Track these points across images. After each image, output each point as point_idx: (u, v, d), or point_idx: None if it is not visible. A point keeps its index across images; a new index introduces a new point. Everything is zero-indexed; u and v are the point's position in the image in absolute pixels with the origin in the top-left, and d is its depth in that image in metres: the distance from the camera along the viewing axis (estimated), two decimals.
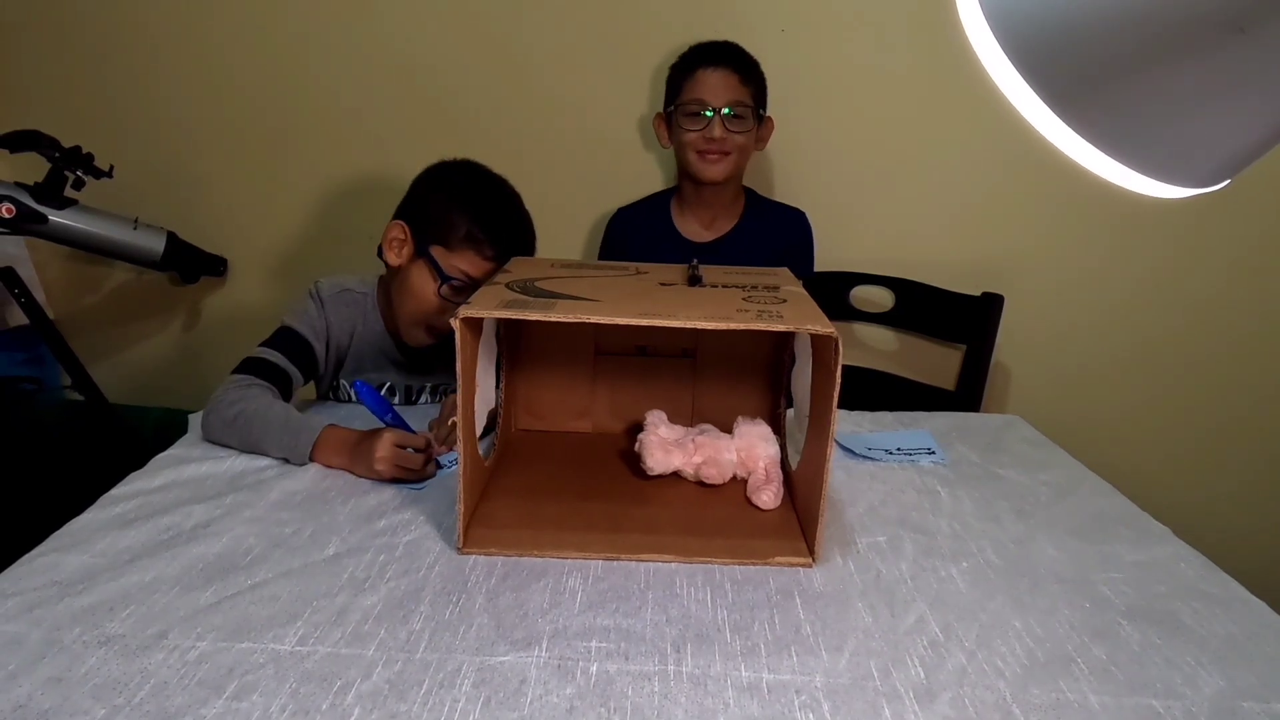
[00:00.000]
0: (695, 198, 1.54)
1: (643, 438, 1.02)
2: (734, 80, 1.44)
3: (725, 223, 1.55)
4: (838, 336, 0.80)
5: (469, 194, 1.19)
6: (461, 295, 1.16)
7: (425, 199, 1.21)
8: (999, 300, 1.53)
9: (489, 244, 1.16)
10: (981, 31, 0.43)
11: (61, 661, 0.68)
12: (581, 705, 0.65)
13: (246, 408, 1.06)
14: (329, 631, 0.73)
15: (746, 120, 1.45)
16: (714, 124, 1.43)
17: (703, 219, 1.55)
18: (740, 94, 1.44)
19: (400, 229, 1.20)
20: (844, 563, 0.87)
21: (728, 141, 1.44)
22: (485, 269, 1.17)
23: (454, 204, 1.17)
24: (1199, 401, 1.72)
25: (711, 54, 1.46)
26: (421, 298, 1.18)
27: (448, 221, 1.16)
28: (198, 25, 1.64)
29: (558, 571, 0.84)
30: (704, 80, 1.44)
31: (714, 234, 1.55)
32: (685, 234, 1.55)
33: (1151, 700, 0.68)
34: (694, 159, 1.46)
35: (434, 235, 1.17)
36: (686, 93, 1.45)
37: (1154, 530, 0.97)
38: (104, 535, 0.87)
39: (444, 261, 1.16)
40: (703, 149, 1.45)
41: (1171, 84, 0.38)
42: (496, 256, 1.17)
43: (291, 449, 1.04)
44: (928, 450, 1.15)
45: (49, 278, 1.81)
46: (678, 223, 1.57)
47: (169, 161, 1.73)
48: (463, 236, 1.16)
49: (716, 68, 1.44)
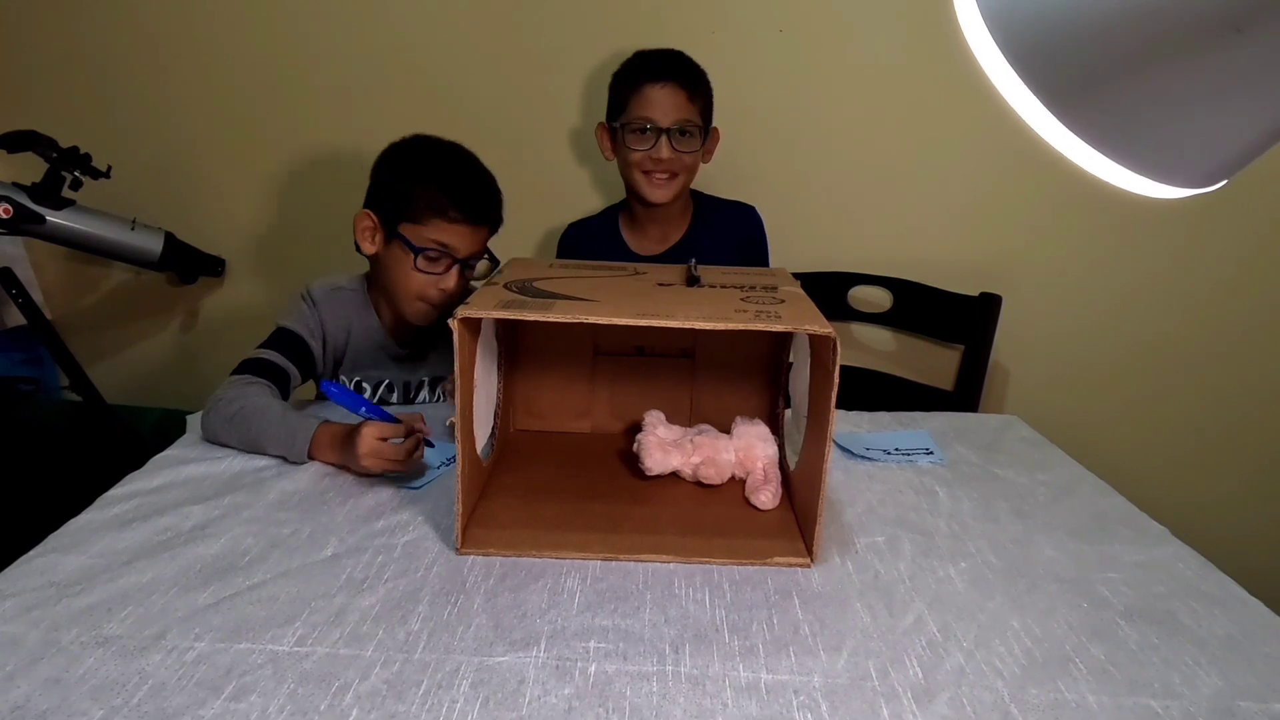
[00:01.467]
0: (644, 215, 1.50)
1: (641, 438, 1.02)
2: (682, 98, 1.38)
3: (675, 233, 1.52)
4: (835, 337, 0.80)
5: (423, 165, 1.21)
6: (439, 265, 1.18)
7: (384, 182, 1.22)
8: (997, 300, 1.54)
9: (452, 207, 1.17)
10: (979, 32, 0.43)
11: (59, 662, 0.68)
12: (580, 705, 0.65)
13: (245, 405, 1.07)
14: (327, 632, 0.73)
15: (694, 138, 1.40)
16: (661, 144, 1.37)
17: (652, 235, 1.52)
18: (688, 112, 1.38)
19: (367, 217, 1.21)
20: (842, 563, 0.87)
21: (675, 162, 1.39)
22: (458, 233, 1.18)
23: (411, 178, 1.19)
24: (1197, 401, 1.72)
25: (657, 68, 1.39)
26: (404, 277, 1.20)
27: (409, 196, 1.18)
28: (196, 25, 1.64)
29: (556, 572, 0.84)
30: (650, 97, 1.37)
31: (664, 245, 1.52)
32: (635, 249, 1.52)
33: (1150, 700, 0.68)
34: (640, 179, 1.42)
35: (400, 214, 1.18)
36: (633, 109, 1.39)
37: (1152, 530, 0.97)
38: (102, 536, 0.87)
39: (414, 235, 1.18)
40: (649, 169, 1.40)
41: (1169, 84, 0.38)
42: (465, 218, 1.18)
43: (289, 447, 1.04)
44: (926, 450, 1.15)
45: (47, 278, 1.81)
46: (627, 238, 1.53)
47: (167, 162, 1.73)
48: (426, 206, 1.17)
49: (664, 84, 1.37)
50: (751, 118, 1.58)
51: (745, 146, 1.65)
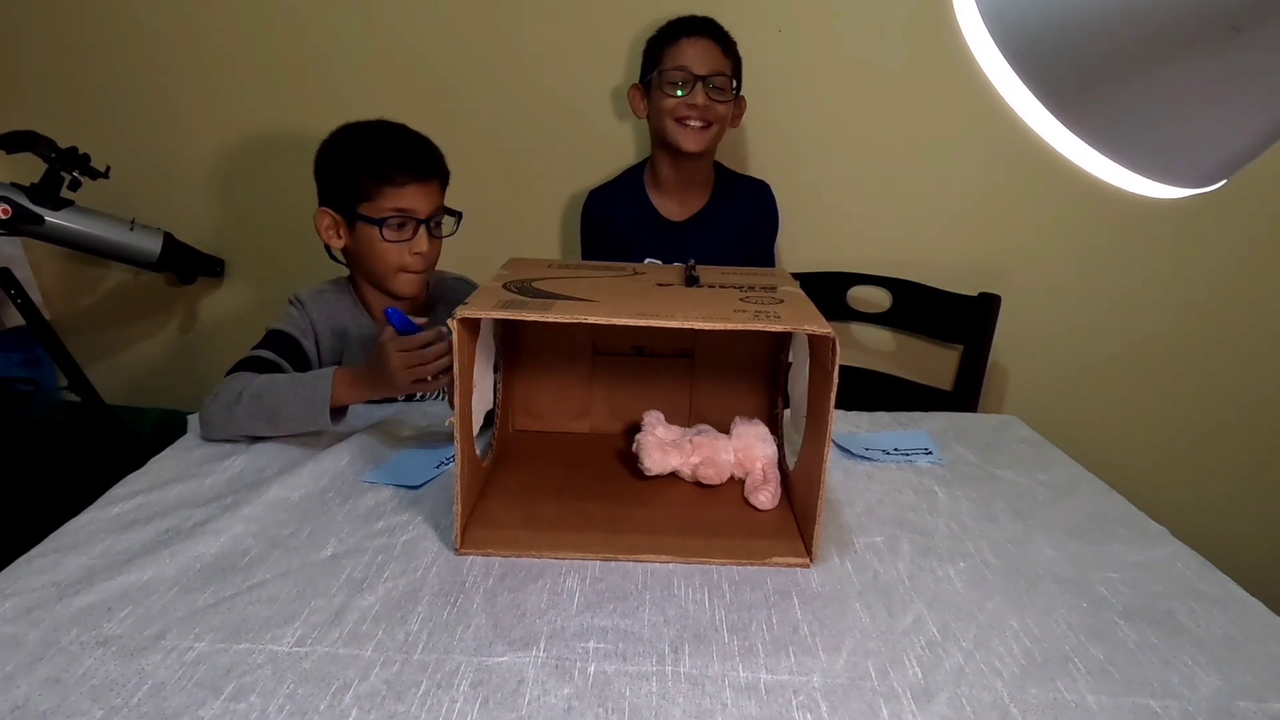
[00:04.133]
0: (671, 171, 1.54)
1: (640, 438, 1.02)
2: (716, 51, 1.46)
3: (698, 200, 1.56)
4: (835, 337, 0.80)
5: (357, 145, 1.23)
6: (406, 231, 1.21)
7: (328, 175, 1.25)
8: (996, 300, 1.54)
9: (396, 171, 1.19)
10: (978, 31, 0.43)
11: (59, 662, 0.68)
12: (579, 705, 0.65)
13: (250, 385, 1.08)
14: (327, 632, 0.73)
15: (726, 92, 1.46)
16: (697, 91, 1.44)
17: (678, 195, 1.56)
18: (722, 64, 1.46)
19: (325, 214, 1.24)
20: (841, 563, 0.87)
21: (710, 110, 1.45)
22: (411, 194, 1.20)
23: (350, 161, 1.21)
24: (1196, 401, 1.72)
25: (694, 25, 1.47)
26: (380, 256, 1.22)
27: (354, 178, 1.20)
28: (196, 26, 1.64)
29: (555, 572, 0.84)
30: (687, 49, 1.45)
31: (688, 212, 1.56)
32: (663, 213, 1.57)
33: (1149, 700, 0.68)
34: (673, 127, 1.47)
35: (353, 198, 1.21)
36: (668, 60, 1.46)
37: (1151, 530, 0.97)
38: (102, 536, 0.87)
39: (373, 211, 1.20)
40: (683, 115, 1.45)
41: (1168, 84, 0.38)
42: (412, 177, 1.20)
43: (310, 402, 1.05)
44: (925, 450, 1.15)
45: (45, 279, 1.81)
46: (655, 200, 1.57)
47: (166, 162, 1.73)
48: (373, 180, 1.19)
49: (700, 37, 1.46)
50: (750, 117, 1.58)
51: (744, 146, 1.65)
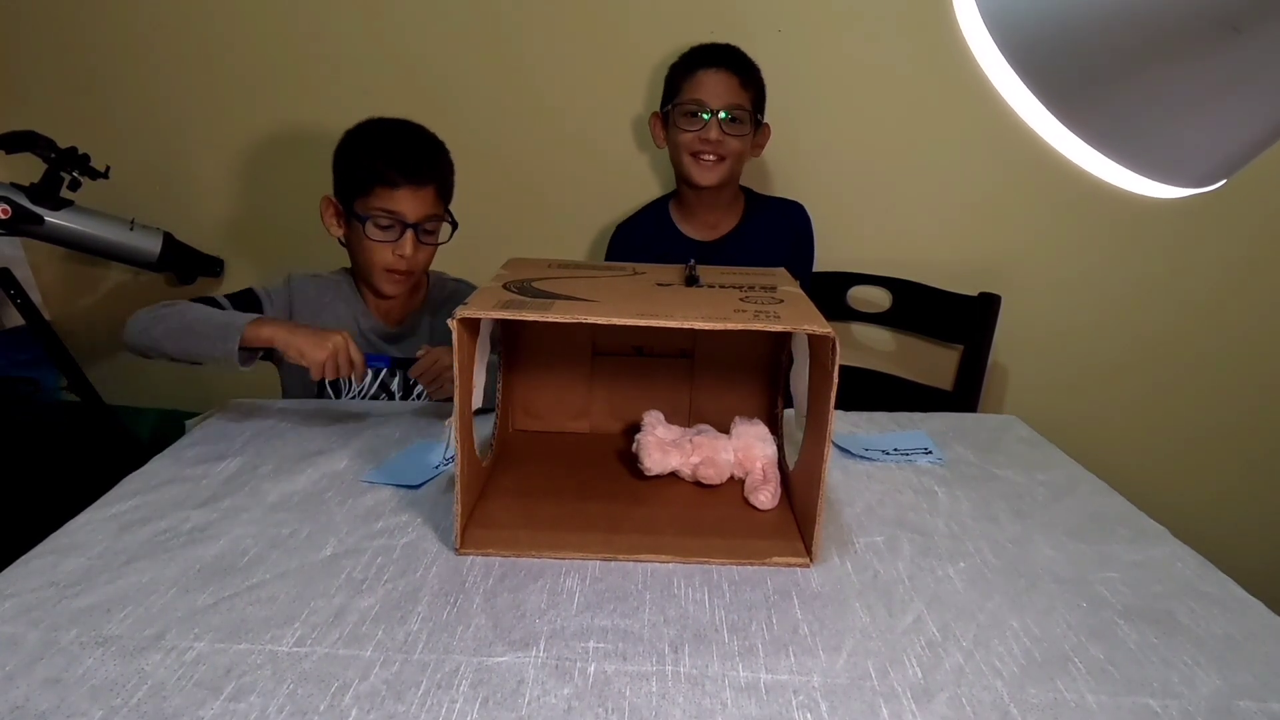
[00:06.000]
0: (694, 201, 1.53)
1: (640, 438, 1.01)
2: (734, 83, 1.44)
3: (727, 223, 1.55)
4: (835, 337, 0.80)
5: (365, 140, 1.26)
6: (391, 232, 1.23)
7: (337, 165, 1.28)
8: (996, 300, 1.54)
9: (390, 171, 1.21)
10: (978, 31, 0.43)
11: (59, 663, 0.68)
12: (579, 706, 0.65)
13: (185, 305, 1.13)
14: (326, 632, 0.73)
15: (744, 124, 1.44)
16: (710, 125, 1.42)
17: (705, 220, 1.55)
18: (739, 97, 1.44)
19: (329, 202, 1.28)
20: (841, 563, 0.87)
21: (723, 145, 1.43)
22: (401, 197, 1.22)
23: (354, 156, 1.25)
24: (1196, 401, 1.72)
25: (712, 56, 1.45)
26: (367, 251, 1.25)
27: (354, 173, 1.23)
28: (195, 26, 1.64)
29: (555, 572, 0.84)
30: (703, 81, 1.43)
31: (716, 234, 1.55)
32: (689, 234, 1.56)
33: (1148, 700, 0.68)
34: (688, 161, 1.46)
35: (352, 191, 1.24)
36: (685, 93, 1.45)
37: (1151, 530, 0.97)
38: (101, 537, 0.87)
39: (363, 207, 1.23)
40: (697, 150, 1.44)
41: (1167, 84, 0.38)
42: (405, 181, 1.21)
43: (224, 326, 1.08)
44: (925, 450, 1.15)
45: (45, 279, 1.81)
46: (680, 225, 1.57)
47: (165, 162, 1.73)
48: (367, 177, 1.22)
49: (717, 69, 1.43)
50: None
51: None
